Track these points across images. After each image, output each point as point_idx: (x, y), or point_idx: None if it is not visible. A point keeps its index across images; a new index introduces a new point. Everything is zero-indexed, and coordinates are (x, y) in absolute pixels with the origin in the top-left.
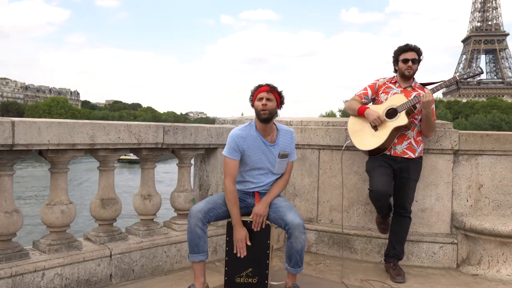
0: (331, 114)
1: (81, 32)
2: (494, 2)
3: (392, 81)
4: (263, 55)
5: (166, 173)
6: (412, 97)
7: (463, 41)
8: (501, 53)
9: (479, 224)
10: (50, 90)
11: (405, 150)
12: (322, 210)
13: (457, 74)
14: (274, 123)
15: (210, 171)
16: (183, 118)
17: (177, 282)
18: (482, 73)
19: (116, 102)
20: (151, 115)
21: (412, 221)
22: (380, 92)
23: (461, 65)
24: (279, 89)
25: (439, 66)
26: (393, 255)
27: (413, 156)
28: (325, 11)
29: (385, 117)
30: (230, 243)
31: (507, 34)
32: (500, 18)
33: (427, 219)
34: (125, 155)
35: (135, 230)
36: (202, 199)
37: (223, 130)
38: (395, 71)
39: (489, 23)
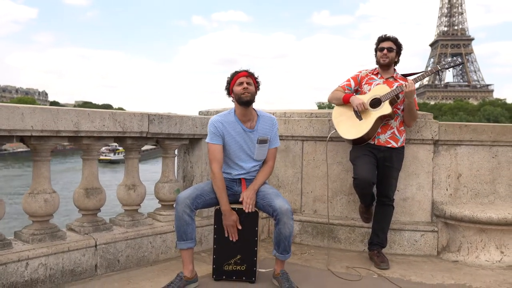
0: None
1: (48, 31)
2: (460, 7)
3: (374, 73)
4: (236, 56)
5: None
6: (395, 87)
7: (431, 45)
8: (467, 57)
9: (459, 211)
10: (17, 90)
11: (388, 140)
12: (306, 200)
13: (438, 64)
14: (254, 109)
15: (195, 162)
16: None
17: (163, 272)
18: (463, 63)
19: (86, 103)
20: None
21: (394, 210)
22: (363, 83)
23: (429, 68)
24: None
25: (408, 69)
26: (377, 243)
27: (396, 145)
28: (296, 13)
29: (369, 107)
30: (218, 230)
31: (472, 39)
32: (465, 23)
33: (408, 208)
34: (105, 156)
35: (119, 221)
36: None
37: (208, 120)
38: (377, 62)
39: (455, 28)
